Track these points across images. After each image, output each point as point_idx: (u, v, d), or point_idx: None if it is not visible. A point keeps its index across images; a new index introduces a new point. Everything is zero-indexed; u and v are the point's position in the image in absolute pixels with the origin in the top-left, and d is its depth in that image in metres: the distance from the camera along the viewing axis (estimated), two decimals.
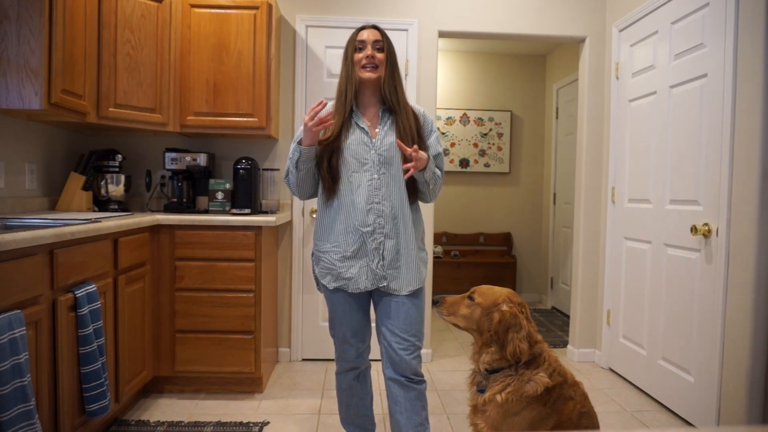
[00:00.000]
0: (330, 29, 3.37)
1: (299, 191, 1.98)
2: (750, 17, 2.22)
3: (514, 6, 3.45)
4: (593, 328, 3.53)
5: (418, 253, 1.98)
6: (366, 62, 1.88)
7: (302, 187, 1.96)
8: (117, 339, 2.35)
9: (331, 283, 1.94)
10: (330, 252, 1.93)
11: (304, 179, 1.93)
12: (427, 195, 1.98)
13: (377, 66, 1.89)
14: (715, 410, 2.37)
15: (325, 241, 1.95)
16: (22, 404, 1.56)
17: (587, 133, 3.51)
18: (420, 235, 2.02)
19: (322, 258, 1.96)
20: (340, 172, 1.89)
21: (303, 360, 3.46)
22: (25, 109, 2.24)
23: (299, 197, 2.01)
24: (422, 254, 2.01)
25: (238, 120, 3.03)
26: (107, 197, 3.02)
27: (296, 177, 1.92)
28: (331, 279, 1.94)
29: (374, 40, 1.90)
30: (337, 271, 1.92)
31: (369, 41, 1.89)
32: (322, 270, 1.96)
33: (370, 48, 1.89)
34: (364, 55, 1.89)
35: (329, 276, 1.95)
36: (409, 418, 1.91)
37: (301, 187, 1.96)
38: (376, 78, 1.90)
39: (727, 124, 2.31)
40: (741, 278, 2.24)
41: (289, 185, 1.98)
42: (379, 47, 1.90)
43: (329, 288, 1.96)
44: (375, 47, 1.90)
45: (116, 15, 2.74)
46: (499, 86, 5.51)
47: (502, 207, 5.57)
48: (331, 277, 1.94)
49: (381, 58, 1.90)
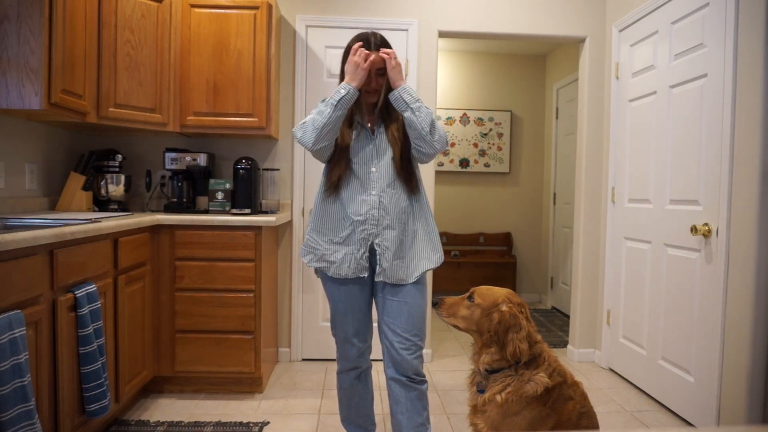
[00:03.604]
0: (330, 29, 3.37)
1: (320, 137, 1.83)
2: (750, 17, 2.22)
3: (514, 6, 3.45)
4: (593, 328, 3.53)
5: (425, 241, 1.98)
6: (366, 89, 1.92)
7: (329, 132, 1.83)
8: (117, 339, 2.35)
9: (313, 262, 1.98)
10: (317, 232, 1.97)
11: (335, 123, 1.83)
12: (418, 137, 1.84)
13: (378, 91, 1.93)
14: (715, 410, 2.37)
15: (316, 222, 1.99)
16: (22, 404, 1.56)
17: (587, 133, 3.51)
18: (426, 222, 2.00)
19: (307, 236, 2.01)
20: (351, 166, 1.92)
21: (303, 360, 3.46)
22: (25, 109, 2.24)
23: (314, 145, 1.84)
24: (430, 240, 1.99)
25: (238, 120, 3.03)
26: (107, 197, 3.02)
27: (329, 118, 1.80)
28: (313, 258, 1.98)
29: (377, 69, 1.90)
30: (321, 252, 1.96)
31: (372, 70, 1.89)
32: (305, 247, 2.01)
33: (373, 78, 1.91)
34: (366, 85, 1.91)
35: (311, 255, 1.98)
36: (411, 418, 1.92)
37: (328, 131, 1.83)
38: (376, 100, 1.95)
39: (727, 124, 2.31)
40: (741, 278, 2.24)
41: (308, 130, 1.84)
42: (381, 73, 1.92)
43: (310, 267, 2.01)
44: (378, 74, 1.91)
45: (116, 15, 2.74)
46: (499, 86, 5.51)
47: (502, 207, 5.57)
48: (314, 256, 1.98)
49: (381, 83, 1.93)
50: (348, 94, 1.83)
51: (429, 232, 2.01)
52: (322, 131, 1.82)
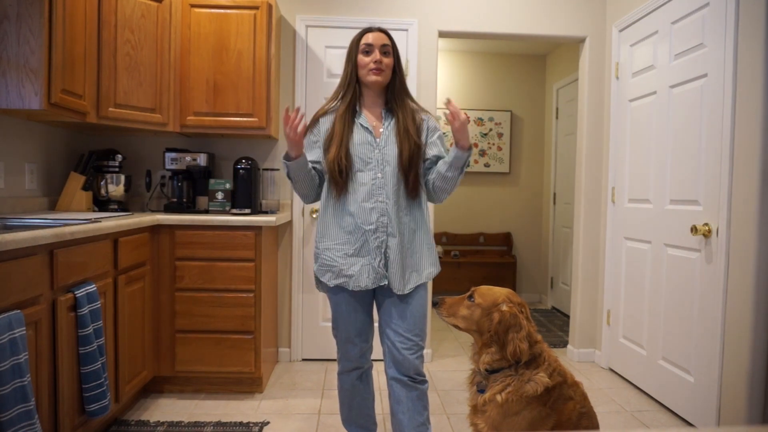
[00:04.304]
0: (330, 29, 3.37)
1: (303, 198, 2.00)
2: (750, 17, 2.22)
3: (515, 6, 3.45)
4: (593, 328, 3.53)
5: (425, 251, 1.98)
6: (374, 66, 1.89)
7: (304, 193, 1.98)
8: (117, 339, 2.35)
9: (332, 281, 1.93)
10: (331, 249, 1.93)
11: (302, 187, 1.94)
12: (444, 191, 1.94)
13: (383, 70, 1.90)
14: (715, 410, 2.37)
15: (326, 238, 1.94)
16: (22, 404, 1.56)
17: (587, 133, 3.51)
18: (426, 232, 2.00)
19: (321, 255, 1.95)
20: (348, 171, 1.89)
21: (303, 360, 3.46)
22: (25, 109, 2.24)
23: (305, 202, 2.04)
24: (430, 252, 2.00)
25: (238, 120, 3.03)
26: (107, 197, 3.02)
27: (295, 187, 1.95)
28: (331, 276, 1.93)
29: (382, 44, 1.90)
30: (338, 268, 1.91)
31: (377, 45, 1.89)
32: (321, 267, 1.96)
33: (378, 52, 1.89)
34: (371, 60, 1.89)
35: (329, 273, 1.94)
36: (412, 417, 1.91)
37: (302, 194, 1.98)
38: (382, 81, 1.92)
39: (727, 124, 2.31)
40: (741, 278, 2.24)
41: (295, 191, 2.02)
42: (386, 51, 1.91)
43: (330, 285, 1.95)
44: (382, 51, 1.90)
45: (116, 15, 2.74)
46: (499, 86, 5.51)
47: (502, 207, 5.57)
48: (332, 274, 1.93)
49: (388, 63, 1.91)
50: (289, 169, 1.87)
51: (429, 241, 2.00)
52: (303, 194, 1.98)
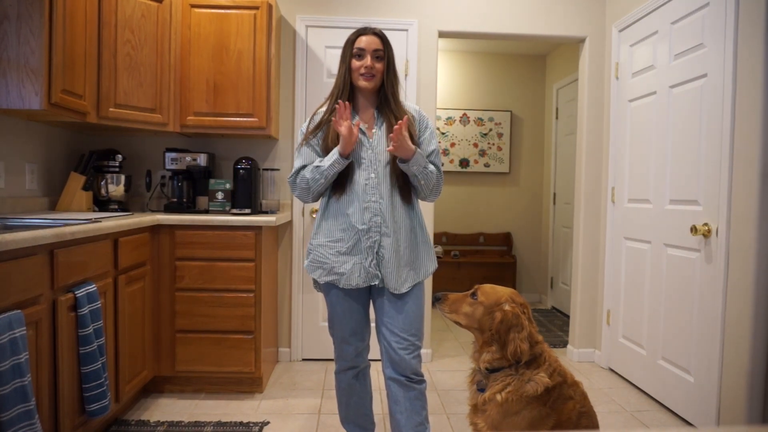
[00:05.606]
0: (330, 29, 3.38)
1: (313, 196, 1.95)
2: (750, 17, 2.22)
3: (514, 6, 3.45)
4: (593, 328, 3.54)
5: (422, 249, 1.98)
6: (364, 71, 1.89)
7: (320, 192, 1.94)
8: (117, 339, 2.35)
9: (323, 277, 1.95)
10: (324, 246, 1.94)
11: (324, 186, 1.91)
12: (420, 191, 1.94)
13: (374, 75, 1.91)
14: (715, 410, 2.37)
15: (320, 235, 1.96)
16: (22, 404, 1.56)
17: (587, 133, 3.51)
18: (422, 230, 2.01)
19: (313, 251, 1.97)
20: (348, 172, 1.90)
21: (303, 360, 3.46)
22: (25, 109, 2.24)
23: (310, 201, 1.98)
24: (427, 249, 2.01)
25: (238, 120, 3.03)
26: (107, 197, 3.02)
27: (321, 185, 1.89)
28: (322, 273, 1.95)
29: (374, 49, 1.90)
30: (330, 266, 1.92)
31: (369, 50, 1.89)
32: (312, 263, 1.97)
33: (369, 58, 1.89)
34: (362, 65, 1.89)
35: (320, 270, 1.95)
36: (410, 417, 1.92)
37: (318, 192, 1.93)
38: (372, 87, 1.92)
39: (727, 124, 2.31)
40: (741, 278, 2.24)
41: (302, 190, 1.94)
42: (379, 56, 1.91)
43: (320, 282, 1.97)
44: (374, 56, 1.90)
45: (116, 15, 2.74)
46: (499, 86, 5.51)
47: (502, 207, 5.57)
48: (323, 270, 1.94)
49: (379, 68, 1.91)
50: (340, 167, 1.85)
51: (426, 239, 2.01)
52: (318, 192, 1.94)
